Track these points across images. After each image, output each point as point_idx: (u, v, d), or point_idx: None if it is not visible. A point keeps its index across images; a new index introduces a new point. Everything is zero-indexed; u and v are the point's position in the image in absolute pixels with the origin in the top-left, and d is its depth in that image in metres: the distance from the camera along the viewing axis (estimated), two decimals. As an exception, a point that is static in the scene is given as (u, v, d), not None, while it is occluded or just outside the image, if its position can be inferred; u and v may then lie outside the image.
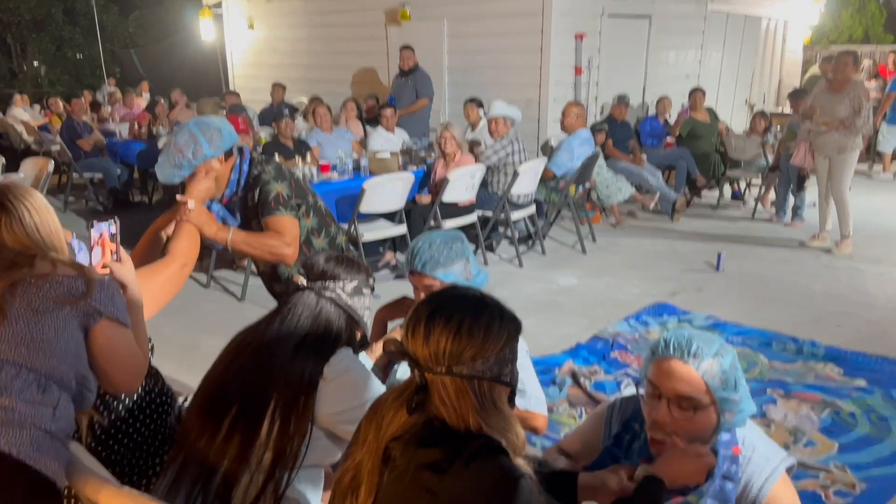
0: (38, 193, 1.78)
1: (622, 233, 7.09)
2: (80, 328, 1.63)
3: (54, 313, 1.59)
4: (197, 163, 2.57)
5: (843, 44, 15.65)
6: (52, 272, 1.64)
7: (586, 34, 7.59)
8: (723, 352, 1.55)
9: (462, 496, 1.24)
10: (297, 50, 10.11)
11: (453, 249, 2.16)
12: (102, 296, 1.65)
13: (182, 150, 2.54)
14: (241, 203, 2.76)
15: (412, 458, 1.29)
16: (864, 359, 4.16)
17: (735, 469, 1.57)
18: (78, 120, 8.52)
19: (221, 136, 2.59)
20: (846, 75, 5.99)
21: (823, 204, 6.39)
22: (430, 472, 1.25)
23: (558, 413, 3.65)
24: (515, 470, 1.27)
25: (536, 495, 1.27)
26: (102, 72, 16.92)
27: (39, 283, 1.61)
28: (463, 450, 1.26)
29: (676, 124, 8.01)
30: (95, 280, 1.66)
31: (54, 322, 1.59)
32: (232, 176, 2.70)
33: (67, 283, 1.62)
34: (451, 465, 1.25)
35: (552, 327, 4.70)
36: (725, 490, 1.56)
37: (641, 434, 1.68)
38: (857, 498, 2.92)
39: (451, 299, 1.37)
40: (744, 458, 1.59)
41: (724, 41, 9.50)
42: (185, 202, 2.43)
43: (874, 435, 3.40)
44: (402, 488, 1.29)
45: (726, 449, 1.58)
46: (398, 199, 5.53)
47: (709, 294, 5.32)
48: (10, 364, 1.55)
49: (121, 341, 1.68)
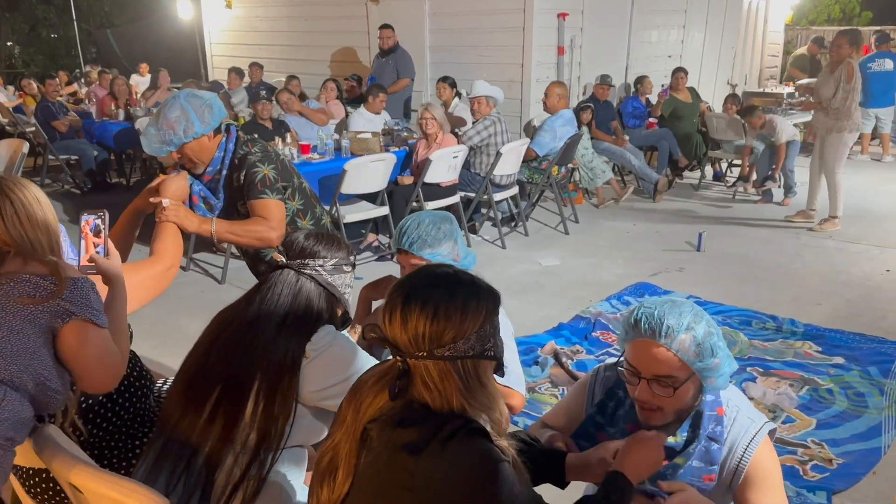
0: (31, 186, 1.72)
1: (604, 213, 7.10)
2: (44, 328, 1.57)
3: (10, 313, 1.54)
4: (187, 140, 2.54)
5: (822, 24, 15.71)
6: (21, 269, 1.59)
7: (569, 13, 7.54)
8: (694, 323, 1.53)
9: (439, 478, 1.23)
10: (275, 29, 9.97)
11: (441, 230, 2.15)
12: (74, 295, 1.59)
13: (173, 127, 2.51)
14: (227, 183, 2.72)
15: (389, 438, 1.28)
16: (842, 336, 4.22)
17: (720, 430, 1.58)
18: (53, 101, 8.37)
19: (212, 112, 2.56)
20: (839, 56, 6.03)
21: (815, 182, 6.46)
22: (407, 452, 1.24)
23: (540, 392, 3.67)
24: (494, 454, 1.26)
25: (515, 480, 1.27)
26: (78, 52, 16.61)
27: (1, 282, 1.57)
28: (440, 430, 1.25)
29: (657, 105, 8.02)
30: (67, 278, 1.60)
31: (8, 322, 1.54)
32: (217, 153, 2.67)
33: (34, 282, 1.57)
34: (428, 445, 1.23)
35: (535, 308, 4.71)
36: (711, 450, 1.57)
37: (626, 400, 1.67)
38: (834, 473, 2.97)
39: (424, 281, 1.34)
40: (728, 418, 1.60)
41: (706, 21, 9.49)
42: (161, 201, 2.37)
43: (851, 411, 3.45)
44: (378, 469, 1.28)
45: (710, 410, 1.59)
46: (380, 180, 5.50)
47: (690, 274, 5.35)
48: None
49: (94, 342, 1.63)
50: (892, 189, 7.83)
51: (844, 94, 5.95)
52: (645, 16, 8.53)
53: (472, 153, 6.05)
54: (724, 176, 8.44)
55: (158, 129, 2.51)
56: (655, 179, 7.46)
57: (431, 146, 5.82)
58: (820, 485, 2.88)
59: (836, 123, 6.05)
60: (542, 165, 6.44)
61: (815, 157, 6.37)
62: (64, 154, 8.22)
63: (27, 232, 1.64)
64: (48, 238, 1.69)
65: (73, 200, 7.89)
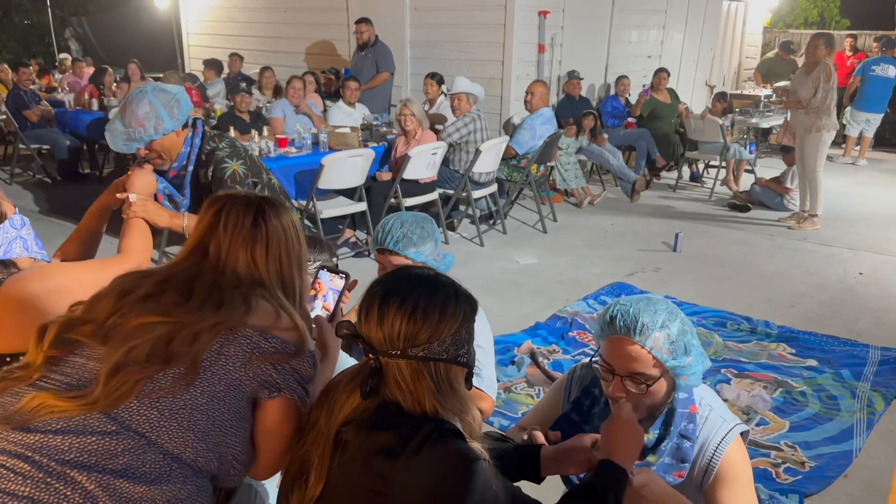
0: (290, 212, 1.50)
1: (582, 213, 7.11)
2: (248, 396, 1.31)
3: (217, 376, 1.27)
4: (157, 136, 2.48)
5: (798, 27, 15.87)
6: (272, 327, 1.32)
7: (550, 11, 7.53)
8: (669, 321, 1.53)
9: (415, 481, 1.21)
10: (253, 20, 9.85)
11: (425, 230, 2.17)
12: (301, 368, 1.35)
13: (143, 124, 2.44)
14: (193, 179, 2.67)
15: (364, 442, 1.26)
16: (815, 339, 4.26)
17: (692, 427, 1.58)
18: (25, 89, 8.19)
19: (180, 106, 2.51)
20: (816, 57, 6.14)
21: (802, 183, 6.53)
22: (383, 456, 1.23)
23: (516, 392, 3.66)
24: (470, 453, 1.25)
25: (491, 479, 1.25)
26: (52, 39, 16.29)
27: (243, 340, 1.29)
28: (416, 433, 1.23)
29: (637, 105, 8.05)
30: (307, 349, 1.36)
31: (210, 387, 1.26)
32: (183, 148, 2.61)
33: (277, 344, 1.32)
34: (404, 449, 1.22)
35: (512, 306, 4.69)
36: (683, 448, 1.57)
37: (602, 398, 1.67)
38: (807, 475, 2.99)
39: (405, 280, 1.34)
40: (700, 416, 1.61)
41: (685, 22, 9.54)
42: (128, 197, 2.29)
43: (824, 414, 3.48)
44: (353, 473, 1.26)
45: (683, 407, 1.59)
46: (358, 176, 5.44)
47: (666, 274, 5.37)
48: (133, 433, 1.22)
49: (292, 423, 1.38)
50: (866, 192, 7.94)
51: (824, 94, 6.05)
52: (625, 15, 8.54)
53: (452, 150, 6.01)
54: (701, 177, 8.49)
55: (126, 126, 2.44)
56: (633, 179, 7.48)
57: (410, 142, 5.78)
58: (792, 488, 2.90)
59: (816, 123, 6.13)
60: (521, 164, 6.43)
61: (799, 158, 6.45)
62: (36, 143, 8.05)
63: (283, 268, 1.41)
64: (293, 282, 1.45)
65: (44, 190, 7.73)
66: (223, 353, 1.27)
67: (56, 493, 1.14)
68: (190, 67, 10.86)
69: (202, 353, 1.25)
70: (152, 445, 1.21)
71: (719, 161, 7.77)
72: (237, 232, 1.40)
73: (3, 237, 1.75)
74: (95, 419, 1.20)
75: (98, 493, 1.15)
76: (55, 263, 1.99)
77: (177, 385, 1.23)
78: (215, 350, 1.27)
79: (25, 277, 1.72)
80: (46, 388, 1.23)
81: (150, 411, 1.22)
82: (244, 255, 1.39)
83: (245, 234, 1.40)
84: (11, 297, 1.67)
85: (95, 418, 1.20)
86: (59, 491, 1.14)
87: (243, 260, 1.39)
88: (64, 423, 1.19)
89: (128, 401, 1.21)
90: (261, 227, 1.41)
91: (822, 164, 6.33)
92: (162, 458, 1.21)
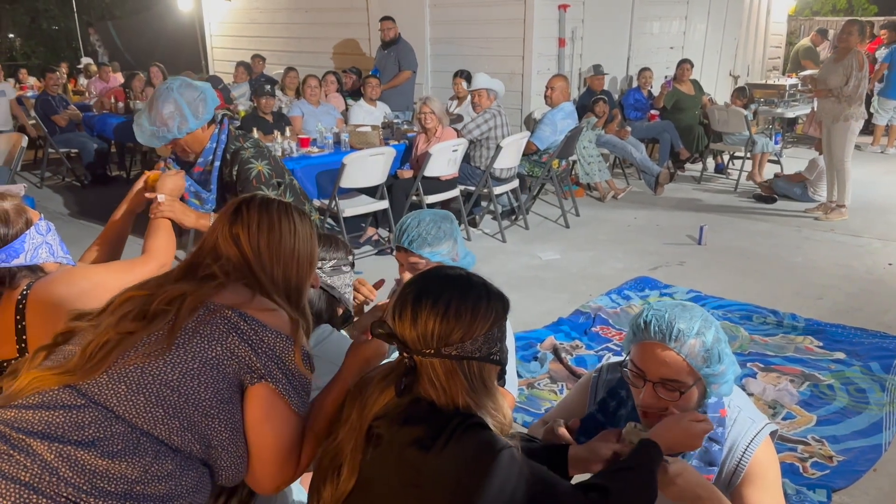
0: (296, 214, 1.53)
1: (605, 207, 7.07)
2: (231, 379, 1.32)
3: (191, 353, 1.29)
4: (180, 136, 2.53)
5: (826, 14, 15.59)
6: (245, 304, 1.35)
7: (570, 5, 7.49)
8: (704, 328, 1.53)
9: (445, 471, 1.24)
10: (275, 21, 9.93)
11: (442, 229, 2.14)
12: (282, 355, 1.35)
13: (167, 123, 2.49)
14: (218, 176, 2.71)
15: (397, 435, 1.29)
16: (843, 331, 4.20)
17: (721, 431, 1.58)
18: (53, 94, 8.35)
19: (206, 104, 2.55)
20: (848, 44, 6.04)
21: (830, 173, 6.44)
22: (416, 449, 1.26)
23: (539, 388, 3.66)
24: (498, 442, 1.27)
25: (518, 466, 1.27)
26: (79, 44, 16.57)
27: (221, 320, 1.31)
28: (446, 426, 1.26)
29: (660, 96, 7.98)
30: (294, 339, 1.37)
31: (184, 364, 1.28)
32: (209, 144, 2.66)
33: (255, 325, 1.33)
34: (435, 441, 1.25)
35: (534, 302, 4.69)
36: (711, 451, 1.57)
37: (629, 401, 1.66)
38: (834, 470, 2.95)
39: (437, 280, 1.36)
40: (729, 419, 1.60)
41: (708, 12, 9.42)
42: (156, 197, 2.31)
43: (852, 407, 3.43)
44: (387, 466, 1.29)
45: (713, 412, 1.58)
46: (379, 174, 5.47)
47: (691, 268, 5.32)
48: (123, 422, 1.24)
49: (278, 423, 1.36)
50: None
51: (856, 82, 5.95)
52: (646, 7, 8.47)
53: (473, 146, 6.02)
54: (726, 169, 8.39)
55: (151, 124, 2.49)
56: (657, 172, 7.42)
57: (431, 140, 5.80)
58: (820, 482, 2.86)
59: (844, 112, 6.05)
60: (542, 159, 6.41)
61: (827, 147, 6.36)
62: (64, 147, 8.20)
63: (285, 270, 1.44)
64: (299, 294, 1.47)
65: (73, 193, 7.87)
66: (198, 332, 1.30)
67: (16, 463, 1.18)
68: (213, 69, 10.98)
69: (182, 323, 1.29)
70: (119, 419, 1.24)
71: (744, 153, 7.67)
72: (239, 226, 1.45)
73: (29, 243, 1.79)
74: (66, 393, 1.24)
75: (57, 463, 1.18)
76: (81, 266, 2.03)
77: (152, 351, 1.27)
78: (191, 328, 1.30)
79: (53, 281, 1.76)
80: (40, 367, 1.30)
81: (118, 385, 1.25)
82: (236, 246, 1.43)
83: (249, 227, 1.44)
84: (40, 300, 1.71)
85: (66, 393, 1.24)
86: (18, 462, 1.18)
87: (234, 251, 1.43)
88: (39, 398, 1.24)
89: (105, 366, 1.25)
90: (264, 220, 1.46)
91: (850, 153, 6.23)
92: (129, 431, 1.23)
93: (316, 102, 6.91)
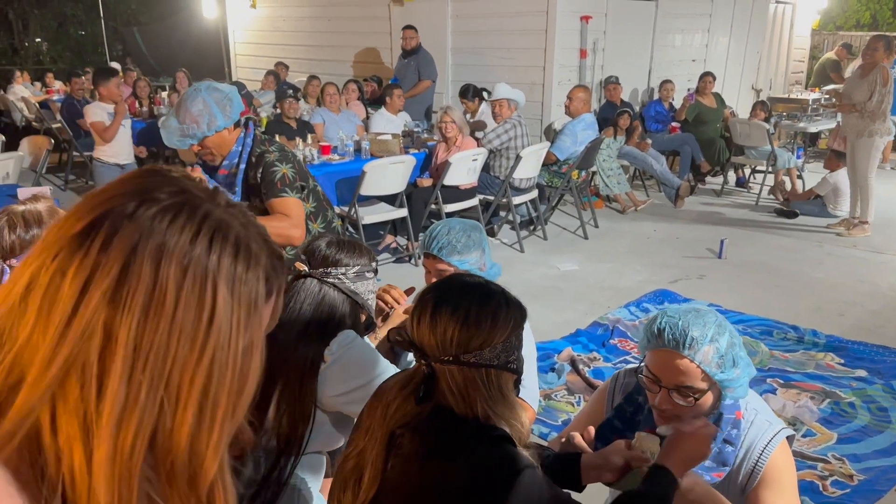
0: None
1: (624, 218, 7.05)
2: None
3: None
4: (209, 134, 2.57)
5: (850, 29, 15.49)
6: None
7: (592, 16, 7.50)
8: (718, 334, 1.52)
9: (467, 483, 1.24)
10: (299, 29, 10.01)
11: (471, 238, 2.14)
12: None
13: (197, 120, 2.53)
14: (244, 179, 2.74)
15: (420, 444, 1.29)
16: (865, 349, 4.15)
17: (736, 433, 1.57)
18: (79, 99, 8.46)
19: (232, 104, 2.59)
20: (874, 59, 6.01)
21: (853, 189, 6.39)
22: (439, 458, 1.26)
23: (556, 400, 3.64)
24: (521, 460, 1.27)
25: (539, 487, 1.27)
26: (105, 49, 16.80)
27: None
28: (470, 438, 1.26)
29: (682, 109, 7.95)
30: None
31: None
32: (235, 147, 2.69)
33: None
34: (460, 452, 1.25)
35: (552, 313, 4.68)
36: (724, 452, 1.56)
37: (645, 406, 1.66)
38: (855, 489, 2.91)
39: (456, 288, 1.36)
40: (746, 421, 1.59)
41: (731, 25, 9.39)
42: None
43: (873, 426, 3.38)
44: (409, 474, 1.29)
45: (729, 413, 1.58)
46: (399, 182, 5.49)
47: (710, 281, 5.29)
48: None
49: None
50: (920, 198, 7.69)
51: (880, 98, 5.91)
52: (669, 20, 8.45)
53: (492, 156, 6.03)
54: (748, 182, 8.34)
55: (181, 123, 2.53)
56: (677, 185, 7.38)
57: (451, 149, 5.81)
58: (840, 501, 2.83)
59: (869, 127, 6.00)
60: (562, 169, 6.41)
61: (851, 163, 6.31)
62: (88, 151, 8.29)
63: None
64: None
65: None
66: None
67: None
68: (236, 76, 11.09)
69: None
70: None
71: (766, 167, 7.62)
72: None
73: None
74: None
75: None
76: None
77: None
78: None
79: None
80: None
81: None
82: None
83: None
84: None
85: None
86: None
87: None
88: None
89: None
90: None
91: (874, 169, 6.18)
92: None
93: (336, 110, 6.96)
